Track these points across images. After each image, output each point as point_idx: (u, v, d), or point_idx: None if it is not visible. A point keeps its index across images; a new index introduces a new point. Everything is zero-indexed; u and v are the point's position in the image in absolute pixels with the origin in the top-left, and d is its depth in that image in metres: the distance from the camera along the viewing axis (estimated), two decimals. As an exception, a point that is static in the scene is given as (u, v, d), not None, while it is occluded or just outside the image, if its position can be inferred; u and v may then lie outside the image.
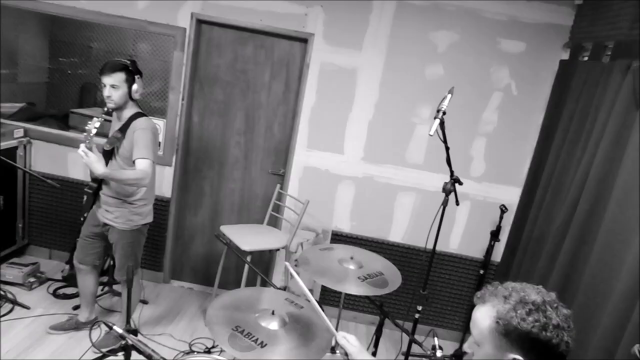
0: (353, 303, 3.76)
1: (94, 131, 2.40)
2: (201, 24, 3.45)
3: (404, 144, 3.49)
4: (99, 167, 2.42)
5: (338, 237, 3.64)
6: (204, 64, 3.55)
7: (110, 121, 4.59)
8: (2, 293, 3.29)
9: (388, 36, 3.32)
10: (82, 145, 2.43)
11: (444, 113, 2.24)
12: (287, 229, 3.60)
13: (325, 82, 3.41)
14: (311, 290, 3.67)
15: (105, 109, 5.22)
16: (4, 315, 3.14)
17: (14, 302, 3.26)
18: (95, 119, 2.44)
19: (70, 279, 3.61)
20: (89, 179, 3.66)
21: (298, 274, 3.61)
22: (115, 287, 3.60)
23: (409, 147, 3.49)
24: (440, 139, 2.33)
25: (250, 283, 3.47)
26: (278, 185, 3.57)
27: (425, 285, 2.68)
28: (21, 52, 5.30)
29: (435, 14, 3.27)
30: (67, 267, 3.66)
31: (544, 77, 3.31)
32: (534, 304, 1.17)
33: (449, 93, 2.33)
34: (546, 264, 2.73)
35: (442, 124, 2.23)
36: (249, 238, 3.16)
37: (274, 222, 3.64)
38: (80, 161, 3.68)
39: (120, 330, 1.54)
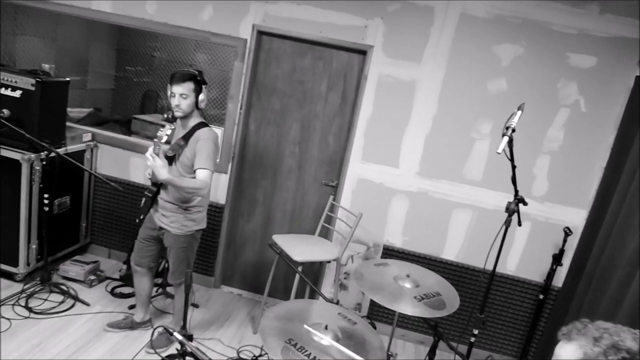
0: (403, 320, 3.67)
1: (164, 138, 2.48)
2: (262, 35, 3.52)
3: (462, 160, 3.38)
4: (163, 172, 2.49)
5: (389, 252, 3.57)
6: (263, 74, 3.61)
7: (161, 125, 4.77)
8: (65, 289, 3.45)
9: (449, 49, 3.25)
10: (150, 149, 2.51)
11: (514, 130, 2.14)
12: (338, 240, 3.57)
13: (382, 94, 3.38)
14: (359, 305, 3.63)
15: (165, 115, 5.42)
16: (66, 310, 3.29)
17: (76, 298, 3.41)
18: (167, 126, 2.52)
19: (126, 279, 3.75)
20: (148, 183, 3.84)
21: (347, 287, 3.58)
22: (168, 289, 3.70)
23: (467, 163, 3.38)
24: (507, 157, 2.23)
25: (299, 293, 3.46)
26: (331, 197, 3.55)
27: (483, 308, 2.57)
28: (92, 61, 5.61)
29: (499, 26, 3.17)
30: (125, 267, 3.80)
31: (617, 94, 3.12)
32: (629, 352, 1.05)
33: (518, 109, 2.23)
34: (616, 294, 2.55)
35: (510, 141, 2.13)
36: (300, 248, 3.16)
37: (325, 233, 3.62)
38: (141, 166, 3.87)
39: (180, 337, 1.56)
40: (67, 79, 3.46)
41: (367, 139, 3.46)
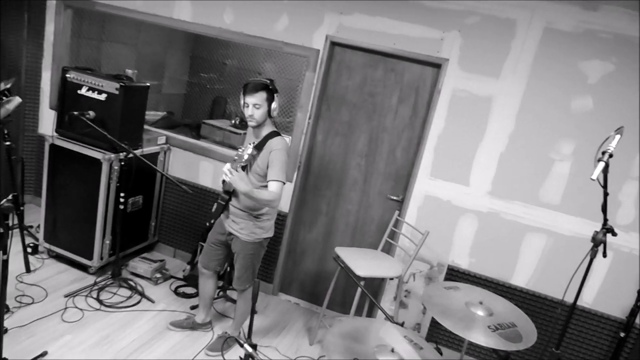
0: (469, 348, 3.50)
1: (245, 157, 2.52)
2: (334, 46, 3.51)
3: (539, 181, 3.19)
4: (243, 185, 2.53)
5: (454, 273, 3.43)
6: (333, 85, 3.60)
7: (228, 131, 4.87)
8: (133, 285, 3.59)
9: (530, 64, 3.09)
10: (228, 165, 2.56)
11: (611, 156, 1.99)
12: (401, 257, 3.48)
13: (455, 109, 3.27)
14: (419, 325, 3.51)
15: (232, 121, 5.55)
16: (133, 305, 3.42)
17: (142, 295, 3.53)
18: (249, 145, 2.56)
19: (189, 279, 3.85)
20: (217, 188, 3.94)
21: (407, 305, 3.48)
22: (228, 292, 3.76)
23: (544, 185, 3.19)
24: (600, 184, 2.07)
25: (359, 308, 3.40)
26: (396, 212, 3.47)
27: (560, 343, 2.39)
28: (167, 66, 5.87)
29: (587, 41, 2.98)
30: (188, 267, 3.91)
31: None
32: None
33: (617, 133, 2.07)
34: None
35: (606, 167, 1.97)
36: (363, 263, 3.10)
37: (387, 249, 3.54)
38: (210, 170, 3.98)
39: (250, 349, 1.55)
40: (148, 84, 3.63)
41: (437, 155, 3.35)
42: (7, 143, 2.71)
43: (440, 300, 2.17)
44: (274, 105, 2.75)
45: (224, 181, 2.91)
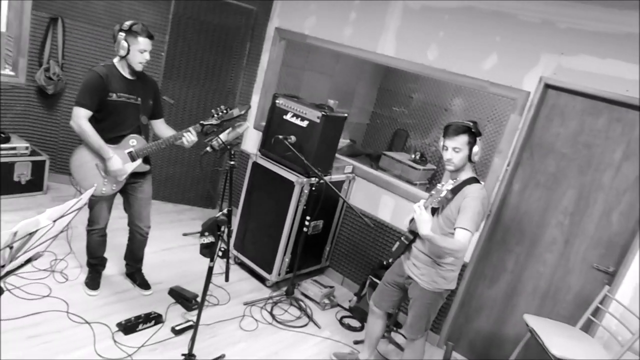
0: None
1: (443, 193, 2.39)
2: (548, 88, 3.17)
3: None
4: (426, 227, 2.39)
5: (679, 377, 2.73)
6: (541, 131, 3.25)
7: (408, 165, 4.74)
8: (304, 306, 3.68)
9: None
10: (422, 201, 2.45)
11: None
12: (603, 340, 2.91)
13: None
14: None
15: (412, 155, 5.45)
16: (301, 326, 3.49)
17: (310, 318, 3.59)
18: (450, 182, 2.42)
19: (355, 311, 3.80)
20: (396, 224, 3.86)
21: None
22: (393, 334, 3.60)
23: None
24: None
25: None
26: (606, 287, 2.93)
27: None
28: (356, 96, 6.08)
29: None
30: (355, 298, 3.87)
31: None
32: None
33: None
34: None
35: None
36: (560, 340, 2.66)
37: (586, 327, 3.00)
38: (390, 205, 3.91)
39: None
40: (345, 114, 3.75)
41: (672, 227, 2.75)
42: (232, 163, 3.00)
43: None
44: (475, 149, 2.55)
45: (412, 219, 2.80)
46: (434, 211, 2.68)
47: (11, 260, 1.48)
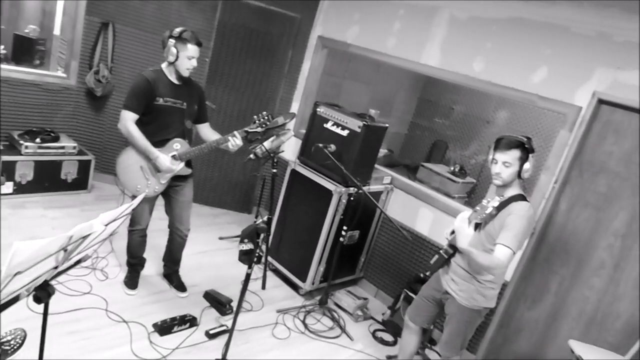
0: None
1: (488, 211, 2.31)
2: (601, 104, 3.03)
3: None
4: (465, 241, 2.32)
5: None
6: (592, 149, 3.11)
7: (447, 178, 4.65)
8: (337, 317, 3.64)
9: None
10: (466, 214, 2.38)
11: None
12: (655, 373, 2.74)
13: None
14: None
15: (452, 168, 5.34)
16: (333, 337, 3.45)
17: (343, 330, 3.55)
18: (496, 198, 2.34)
19: (388, 325, 3.73)
20: (433, 238, 3.77)
21: None
22: (427, 351, 3.51)
23: None
24: None
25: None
26: (660, 316, 2.77)
27: None
28: (395, 106, 6.02)
29: None
30: (388, 312, 3.80)
31: None
32: None
33: None
34: None
35: None
36: (607, 370, 2.52)
37: (637, 357, 2.83)
38: (429, 217, 3.83)
39: None
40: (386, 125, 3.70)
41: None
42: (274, 171, 3.01)
43: None
44: (527, 166, 2.46)
45: (453, 232, 2.73)
46: (477, 226, 2.60)
47: (64, 262, 1.52)
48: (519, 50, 3.33)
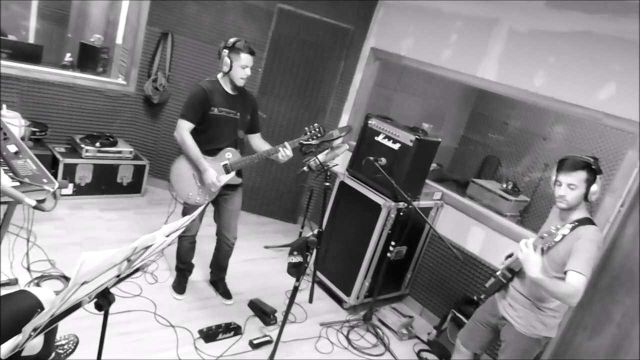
0: None
1: (557, 238, 2.19)
2: (676, 124, 2.83)
3: None
4: (534, 269, 2.18)
5: None
6: (664, 172, 2.90)
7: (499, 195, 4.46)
8: (381, 334, 3.55)
9: None
10: (532, 240, 2.26)
11: None
12: None
13: None
14: None
15: (504, 185, 5.14)
16: (377, 355, 3.36)
17: (387, 348, 3.45)
18: (567, 226, 2.21)
19: (434, 345, 3.61)
20: (485, 258, 3.62)
21: None
22: (475, 377, 3.36)
23: None
24: None
25: None
26: None
27: None
28: (447, 119, 5.88)
29: None
30: (434, 332, 3.67)
31: None
32: None
33: None
34: None
35: None
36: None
37: None
38: (481, 237, 3.69)
39: None
40: (439, 140, 3.61)
41: None
42: (327, 184, 2.99)
43: None
44: (594, 188, 2.31)
45: (510, 255, 2.60)
46: (542, 251, 2.46)
47: (125, 271, 1.56)
48: (584, 65, 3.17)
